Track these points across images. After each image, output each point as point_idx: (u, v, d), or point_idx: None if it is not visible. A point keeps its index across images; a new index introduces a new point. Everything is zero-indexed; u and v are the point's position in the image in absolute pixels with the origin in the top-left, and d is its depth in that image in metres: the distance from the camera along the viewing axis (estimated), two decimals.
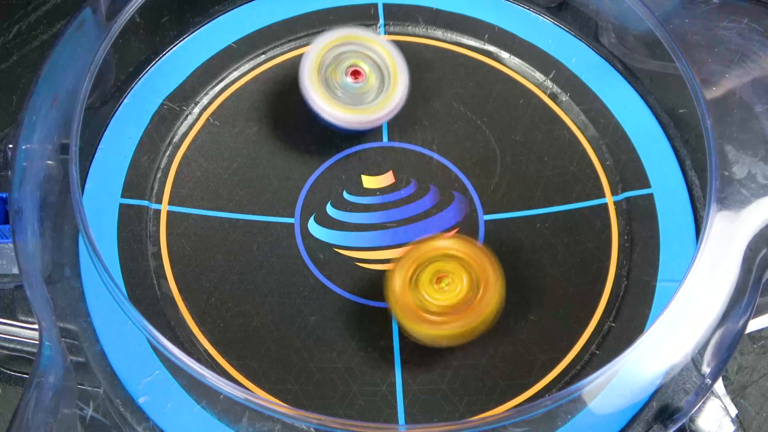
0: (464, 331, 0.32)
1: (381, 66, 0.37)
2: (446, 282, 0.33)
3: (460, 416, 0.34)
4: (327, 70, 0.37)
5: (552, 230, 0.37)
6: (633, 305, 0.35)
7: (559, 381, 0.34)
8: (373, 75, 0.37)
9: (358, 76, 0.37)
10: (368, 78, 0.37)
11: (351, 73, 0.37)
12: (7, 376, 0.38)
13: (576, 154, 0.39)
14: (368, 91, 0.37)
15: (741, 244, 0.34)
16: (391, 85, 0.37)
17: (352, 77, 0.37)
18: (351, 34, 0.37)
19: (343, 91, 0.37)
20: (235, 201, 0.37)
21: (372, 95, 0.37)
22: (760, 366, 0.41)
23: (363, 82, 0.37)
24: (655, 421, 0.33)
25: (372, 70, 0.37)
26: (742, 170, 0.35)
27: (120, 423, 0.32)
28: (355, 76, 0.37)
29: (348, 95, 0.37)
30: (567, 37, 0.42)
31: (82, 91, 0.35)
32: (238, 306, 0.35)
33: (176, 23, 0.41)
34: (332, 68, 0.37)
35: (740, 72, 0.37)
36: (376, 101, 0.37)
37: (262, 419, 0.32)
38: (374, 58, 0.37)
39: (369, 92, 0.37)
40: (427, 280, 0.33)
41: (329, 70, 0.37)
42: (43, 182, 0.34)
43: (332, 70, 0.37)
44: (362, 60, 0.37)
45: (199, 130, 0.39)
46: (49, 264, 0.33)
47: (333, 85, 0.37)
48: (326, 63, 0.37)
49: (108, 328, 0.33)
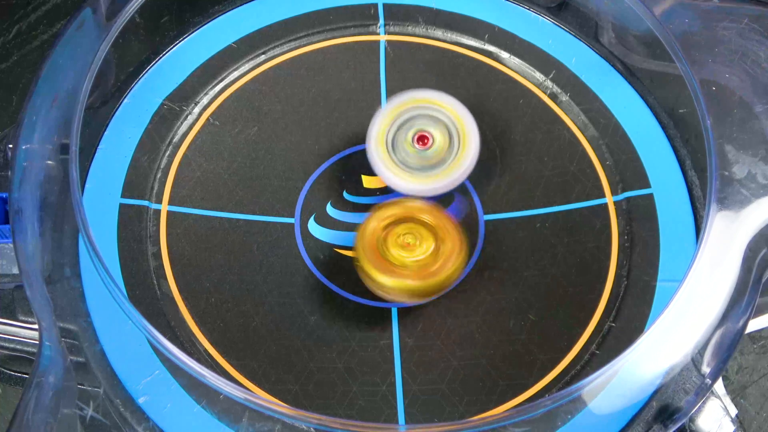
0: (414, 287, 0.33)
1: (449, 126, 0.36)
2: (412, 242, 0.34)
3: (460, 416, 0.34)
4: (393, 139, 0.36)
5: (552, 230, 0.37)
6: (633, 305, 0.35)
7: (559, 381, 0.34)
8: (442, 138, 0.36)
9: (426, 142, 0.35)
10: (436, 142, 0.35)
11: (418, 140, 0.35)
12: (7, 376, 0.38)
13: (576, 154, 0.39)
14: (438, 154, 0.35)
15: (741, 244, 0.34)
16: (462, 141, 0.35)
17: (420, 144, 0.35)
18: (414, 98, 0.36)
19: (413, 159, 0.35)
20: (235, 201, 0.37)
21: (442, 158, 0.35)
22: (760, 366, 0.41)
23: (431, 147, 0.35)
24: (655, 421, 0.33)
25: (440, 133, 0.36)
26: (742, 170, 0.35)
27: (120, 423, 0.32)
28: (423, 141, 0.35)
29: (418, 163, 0.35)
30: (567, 37, 0.42)
31: (82, 91, 0.35)
32: (238, 306, 0.35)
33: (176, 23, 0.41)
34: (398, 136, 0.36)
35: (740, 72, 0.37)
36: (446, 165, 0.35)
37: (262, 419, 0.32)
38: (436, 116, 0.36)
39: (438, 156, 0.35)
40: (396, 236, 0.34)
41: (396, 140, 0.36)
42: (43, 182, 0.34)
43: (398, 139, 0.36)
44: (428, 124, 0.36)
45: (199, 130, 0.39)
46: (49, 264, 0.33)
47: (401, 154, 0.35)
48: (392, 132, 0.36)
49: (108, 328, 0.33)
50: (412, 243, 0.34)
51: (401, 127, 0.36)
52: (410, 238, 0.34)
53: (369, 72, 0.40)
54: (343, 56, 0.41)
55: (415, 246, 0.34)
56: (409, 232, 0.34)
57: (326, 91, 0.40)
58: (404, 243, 0.34)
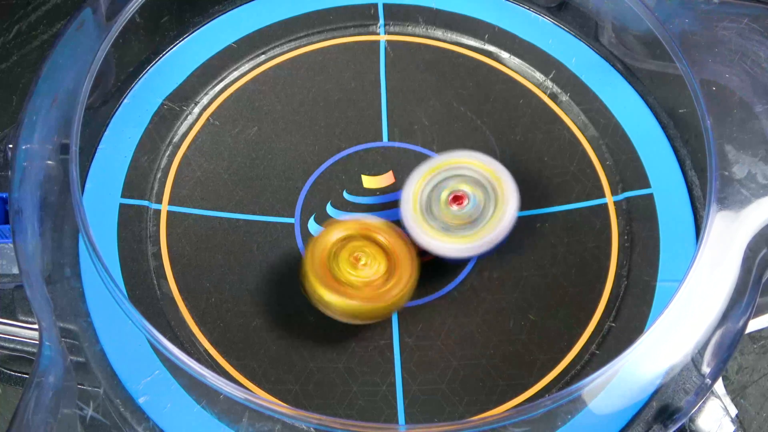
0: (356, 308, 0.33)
1: (480, 179, 0.35)
2: (364, 261, 0.34)
3: (460, 416, 0.34)
4: (430, 207, 0.35)
5: (552, 230, 0.37)
6: (633, 305, 0.35)
7: (559, 381, 0.34)
8: (478, 194, 0.35)
9: (461, 201, 0.35)
10: (472, 200, 0.35)
11: (452, 200, 0.35)
12: (7, 376, 0.38)
13: (576, 154, 0.39)
14: (474, 212, 0.34)
15: (741, 244, 0.34)
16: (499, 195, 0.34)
17: (456, 204, 0.35)
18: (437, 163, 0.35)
19: (454, 221, 0.34)
20: (235, 201, 0.37)
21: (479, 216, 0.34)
22: (760, 366, 0.41)
23: (469, 205, 0.35)
24: (655, 421, 0.33)
25: (475, 190, 0.35)
26: (742, 170, 0.35)
27: (120, 423, 0.32)
28: (458, 201, 0.35)
29: (460, 223, 0.34)
30: (567, 37, 0.42)
31: (82, 91, 0.35)
32: (238, 306, 0.35)
33: (176, 23, 0.41)
34: (432, 199, 0.35)
35: (740, 72, 0.37)
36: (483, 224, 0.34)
37: (262, 419, 0.32)
38: (469, 175, 0.35)
39: (475, 214, 0.34)
40: (348, 254, 0.34)
41: (432, 207, 0.35)
42: (43, 182, 0.34)
43: (433, 201, 0.35)
44: (459, 182, 0.35)
45: (199, 130, 0.39)
46: (49, 264, 0.33)
47: (441, 219, 0.35)
48: (425, 201, 0.35)
49: (108, 328, 0.33)
50: (363, 262, 0.33)
51: (435, 188, 0.35)
52: (362, 256, 0.34)
53: (369, 72, 0.40)
54: (343, 56, 0.41)
55: (365, 266, 0.33)
56: (361, 251, 0.34)
57: (326, 91, 0.40)
58: (354, 261, 0.33)
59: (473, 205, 0.35)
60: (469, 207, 0.35)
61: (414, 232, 0.34)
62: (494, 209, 0.34)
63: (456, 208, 0.34)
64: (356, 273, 0.33)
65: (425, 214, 0.35)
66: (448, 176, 0.35)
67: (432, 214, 0.35)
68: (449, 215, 0.35)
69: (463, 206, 0.35)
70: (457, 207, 0.34)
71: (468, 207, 0.34)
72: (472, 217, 0.34)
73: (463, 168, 0.35)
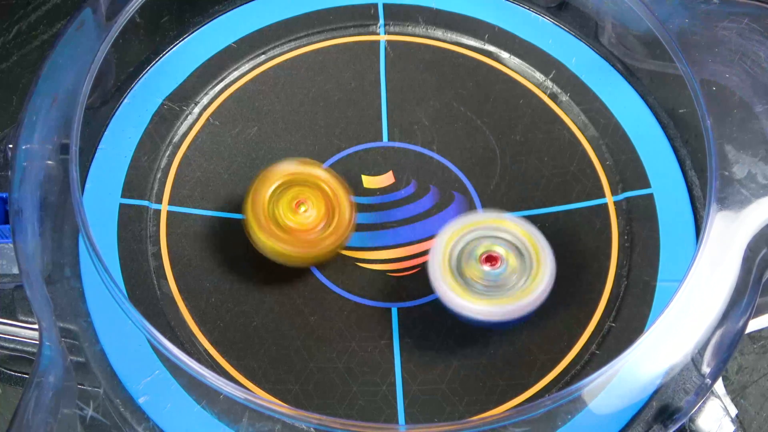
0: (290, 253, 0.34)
1: (517, 244, 0.33)
2: (304, 208, 0.34)
3: (460, 416, 0.34)
4: (460, 262, 0.33)
5: (552, 230, 0.37)
6: (633, 305, 0.35)
7: (559, 381, 0.34)
8: (512, 256, 0.33)
9: (495, 263, 0.33)
10: (506, 261, 0.33)
11: (486, 259, 0.33)
12: (7, 376, 0.38)
13: (576, 154, 0.39)
14: (510, 275, 0.33)
15: (741, 244, 0.34)
16: (535, 264, 0.33)
17: (489, 264, 0.33)
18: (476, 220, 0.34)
19: (482, 282, 0.33)
20: (235, 201, 0.37)
21: (514, 279, 0.33)
22: (760, 366, 0.41)
23: (502, 268, 0.33)
24: (655, 421, 0.33)
25: (509, 251, 0.33)
26: (742, 170, 0.35)
27: (120, 423, 0.32)
28: (492, 262, 0.33)
29: (488, 285, 0.33)
30: (567, 37, 0.42)
31: (82, 91, 0.35)
32: (238, 306, 0.35)
33: (176, 23, 0.41)
34: (464, 260, 0.33)
35: (740, 72, 0.37)
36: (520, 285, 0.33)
37: (262, 419, 0.32)
38: (507, 238, 0.34)
39: (511, 276, 0.33)
40: (290, 199, 0.34)
41: (462, 263, 0.33)
42: (43, 182, 0.34)
43: (465, 262, 0.33)
44: (495, 243, 0.33)
45: (199, 130, 0.39)
46: (49, 264, 0.33)
47: (469, 277, 0.33)
48: (456, 255, 0.33)
49: (108, 328, 0.33)
50: (303, 209, 0.34)
51: (467, 246, 0.34)
52: (302, 202, 0.34)
53: (369, 72, 0.40)
54: (343, 56, 0.41)
55: (305, 212, 0.34)
56: (301, 196, 0.34)
57: (326, 91, 0.40)
58: (296, 207, 0.34)
59: (506, 268, 0.33)
60: (502, 269, 0.33)
61: (438, 285, 0.33)
62: (527, 278, 0.33)
63: (488, 269, 0.33)
64: (296, 219, 0.34)
65: (453, 269, 0.33)
66: (484, 235, 0.34)
67: (461, 270, 0.33)
68: (479, 275, 0.33)
69: (496, 267, 0.33)
70: (489, 267, 0.33)
71: (501, 269, 0.33)
72: (503, 281, 0.33)
73: (501, 230, 0.34)
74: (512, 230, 0.34)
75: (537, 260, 0.33)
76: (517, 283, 0.33)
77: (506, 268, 0.33)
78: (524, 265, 0.33)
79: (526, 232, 0.34)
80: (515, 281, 0.33)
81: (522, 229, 0.34)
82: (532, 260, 0.33)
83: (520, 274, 0.33)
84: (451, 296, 0.33)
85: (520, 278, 0.33)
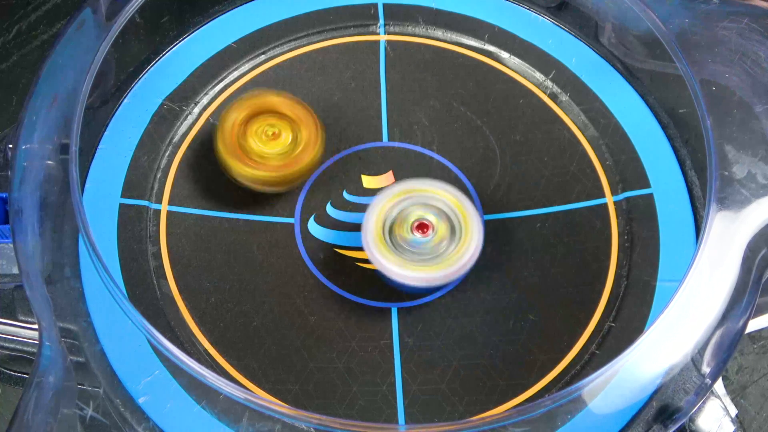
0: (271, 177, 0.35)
1: (448, 213, 0.34)
2: (271, 133, 0.36)
3: (460, 416, 0.34)
4: (391, 228, 0.34)
5: (552, 230, 0.37)
6: (633, 305, 0.35)
7: (559, 381, 0.34)
8: (442, 225, 0.34)
9: (426, 230, 0.34)
10: (437, 229, 0.34)
11: (417, 228, 0.34)
12: (7, 376, 0.38)
13: (576, 154, 0.39)
14: (439, 243, 0.34)
15: (741, 244, 0.34)
16: (464, 233, 0.34)
17: (420, 232, 0.34)
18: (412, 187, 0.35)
19: (412, 249, 0.34)
20: (235, 201, 0.37)
21: (443, 248, 0.34)
22: (760, 366, 0.41)
23: (432, 235, 0.34)
24: (655, 421, 0.33)
25: (440, 220, 0.34)
26: (742, 170, 0.35)
27: (120, 423, 0.32)
28: (423, 230, 0.34)
29: (418, 252, 0.34)
30: (567, 37, 0.42)
31: (82, 91, 0.35)
32: (238, 306, 0.35)
33: (176, 23, 0.41)
34: (397, 225, 0.34)
35: (740, 72, 0.37)
36: (448, 253, 0.34)
37: (262, 419, 0.32)
38: (441, 207, 0.35)
39: (440, 244, 0.34)
40: (256, 127, 0.36)
41: (394, 228, 0.34)
42: (43, 182, 0.34)
43: (397, 228, 0.34)
44: (428, 212, 0.34)
45: (199, 130, 0.39)
46: (49, 264, 0.33)
47: (400, 243, 0.34)
48: (389, 221, 0.34)
49: (108, 328, 0.33)
50: (271, 134, 0.36)
51: (399, 215, 0.34)
52: (270, 129, 0.36)
53: (369, 72, 0.40)
54: (343, 56, 0.41)
55: (274, 137, 0.35)
56: (268, 124, 0.36)
57: (326, 91, 0.40)
58: (263, 134, 0.35)
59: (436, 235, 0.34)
60: (431, 237, 0.34)
61: (377, 259, 0.34)
62: (455, 246, 0.34)
63: (419, 236, 0.34)
64: (268, 146, 0.35)
65: (385, 234, 0.34)
66: (415, 203, 0.35)
67: (393, 236, 0.34)
68: (410, 241, 0.34)
69: (427, 235, 0.34)
70: (420, 235, 0.34)
71: (430, 237, 0.34)
72: (432, 248, 0.34)
73: (432, 198, 0.35)
74: (444, 198, 0.35)
75: (465, 229, 0.34)
76: (446, 251, 0.34)
77: (436, 236, 0.34)
78: (453, 233, 0.34)
79: (457, 200, 0.35)
80: (444, 248, 0.34)
81: (453, 198, 0.35)
82: (461, 229, 0.34)
83: (449, 242, 0.34)
84: (383, 261, 0.34)
85: (448, 246, 0.34)
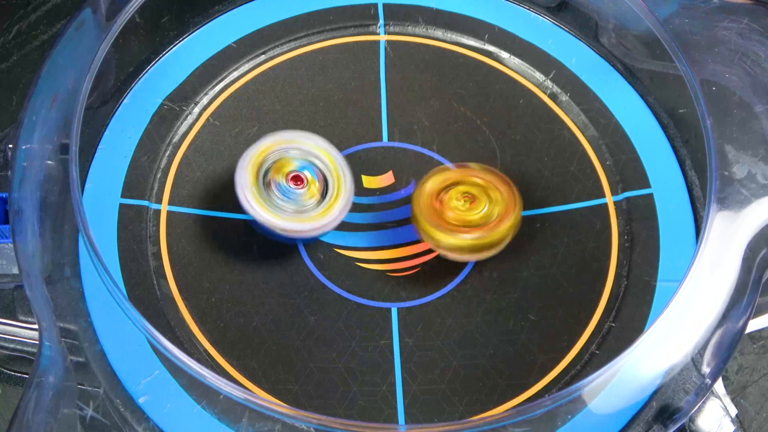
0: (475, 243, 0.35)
1: (323, 169, 0.36)
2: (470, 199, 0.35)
3: (460, 416, 0.34)
4: (267, 174, 0.35)
5: (552, 230, 0.37)
6: (633, 305, 0.35)
7: (559, 381, 0.34)
8: (316, 182, 0.35)
9: (299, 183, 0.35)
10: (310, 185, 0.35)
11: (292, 179, 0.35)
12: (7, 376, 0.38)
13: (576, 154, 0.39)
14: (310, 198, 0.35)
15: (741, 244, 0.34)
16: (335, 192, 0.35)
17: (293, 183, 0.35)
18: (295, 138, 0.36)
19: (284, 198, 0.35)
20: (235, 201, 0.37)
21: (314, 203, 0.35)
22: (760, 366, 0.41)
23: (304, 190, 0.35)
24: (655, 421, 0.33)
25: (315, 178, 0.35)
26: (742, 170, 0.35)
27: (120, 423, 0.32)
28: (297, 182, 0.35)
29: (289, 202, 0.35)
30: (567, 37, 0.42)
31: (82, 91, 0.35)
32: (238, 306, 0.35)
33: (176, 23, 0.41)
34: (273, 173, 0.35)
35: (740, 72, 0.37)
36: (317, 210, 0.35)
37: (262, 419, 0.32)
38: (318, 165, 0.36)
39: (311, 200, 0.35)
40: (454, 196, 0.35)
41: (269, 174, 0.35)
42: (43, 182, 0.34)
43: (273, 175, 0.35)
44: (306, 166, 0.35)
45: (199, 130, 0.39)
46: (49, 264, 0.33)
47: (273, 190, 0.35)
48: (266, 166, 0.35)
49: (108, 328, 0.33)
50: (470, 201, 0.35)
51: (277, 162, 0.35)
52: (468, 197, 0.35)
53: (369, 72, 0.40)
54: (343, 56, 0.41)
55: (474, 205, 0.35)
56: (466, 192, 0.36)
57: (326, 91, 0.40)
58: (463, 202, 0.35)
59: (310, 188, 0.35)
60: (303, 190, 0.35)
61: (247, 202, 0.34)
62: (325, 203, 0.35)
63: (292, 187, 0.35)
64: (467, 211, 0.35)
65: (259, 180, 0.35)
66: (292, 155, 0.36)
67: (266, 182, 0.35)
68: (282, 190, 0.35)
69: (300, 187, 0.35)
70: (294, 186, 0.35)
71: (303, 190, 0.35)
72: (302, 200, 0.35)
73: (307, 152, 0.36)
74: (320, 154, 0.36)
75: (337, 187, 0.35)
76: (316, 206, 0.35)
77: (307, 191, 0.35)
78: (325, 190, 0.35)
79: (333, 158, 0.36)
80: (314, 204, 0.35)
81: (329, 155, 0.36)
82: (333, 187, 0.35)
83: (319, 198, 0.35)
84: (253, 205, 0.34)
85: (319, 202, 0.35)
